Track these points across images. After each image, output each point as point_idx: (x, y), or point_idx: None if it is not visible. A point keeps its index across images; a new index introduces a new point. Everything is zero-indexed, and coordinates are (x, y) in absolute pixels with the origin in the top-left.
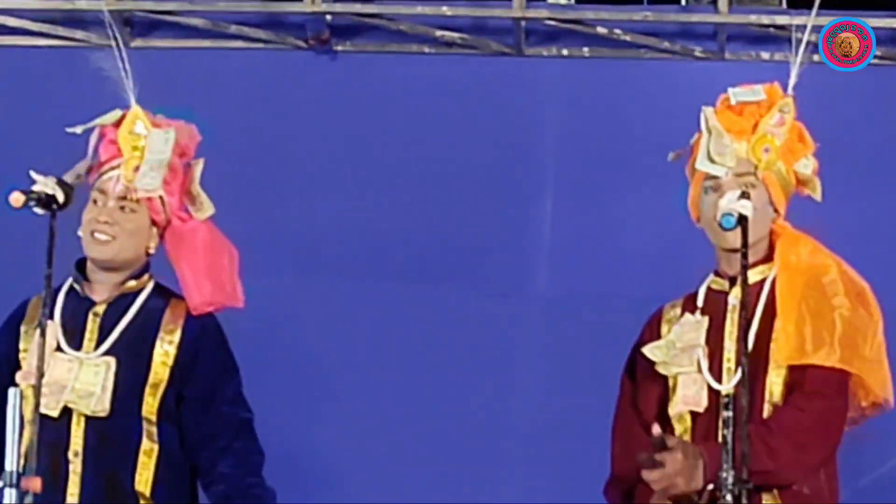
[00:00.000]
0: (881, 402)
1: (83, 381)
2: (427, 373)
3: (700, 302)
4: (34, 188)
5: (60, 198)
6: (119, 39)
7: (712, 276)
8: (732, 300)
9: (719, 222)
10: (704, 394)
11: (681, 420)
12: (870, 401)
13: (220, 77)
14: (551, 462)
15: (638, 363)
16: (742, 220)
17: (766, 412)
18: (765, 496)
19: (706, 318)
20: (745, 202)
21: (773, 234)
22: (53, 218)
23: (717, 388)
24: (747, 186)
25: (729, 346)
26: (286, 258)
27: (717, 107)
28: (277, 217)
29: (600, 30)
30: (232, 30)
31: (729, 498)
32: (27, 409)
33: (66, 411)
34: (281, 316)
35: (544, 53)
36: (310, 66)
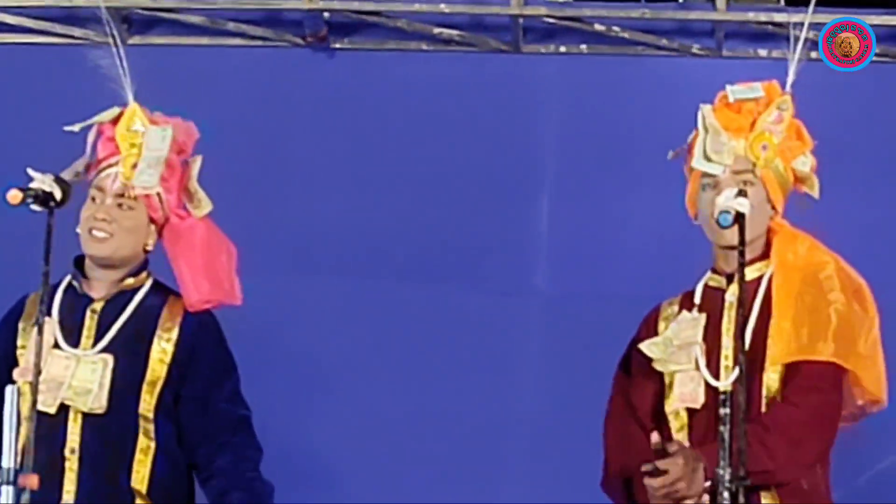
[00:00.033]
0: (875, 400)
1: (80, 378)
2: (426, 371)
3: (697, 299)
4: (31, 185)
5: (58, 195)
6: (117, 37)
7: (709, 273)
8: (730, 297)
9: (716, 220)
10: (701, 391)
11: (677, 417)
12: (865, 399)
13: (218, 74)
14: (551, 461)
15: (634, 359)
16: (739, 217)
17: (763, 408)
18: (763, 494)
19: (703, 316)
20: (742, 200)
21: (770, 231)
22: (51, 215)
23: (715, 385)
24: (745, 184)
25: (726, 344)
26: (284, 256)
27: (715, 104)
28: (275, 215)
29: (598, 27)
30: (230, 27)
31: (726, 495)
32: (24, 405)
33: (63, 408)
34: (280, 314)
35: (542, 51)
36: (308, 64)
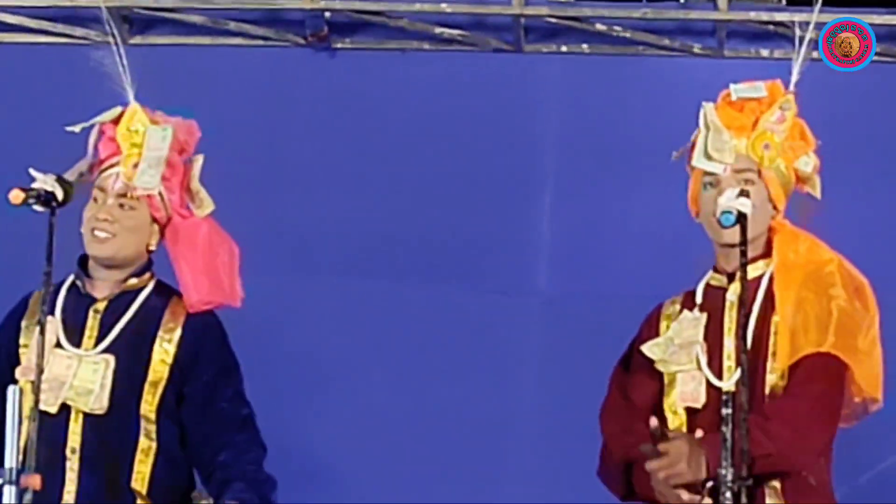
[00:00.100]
0: (871, 398)
1: (82, 378)
2: (426, 370)
3: (699, 298)
4: (34, 185)
5: (60, 195)
6: (118, 36)
7: (711, 272)
8: (731, 296)
9: (718, 220)
10: (703, 390)
11: (675, 415)
12: (860, 396)
13: (219, 74)
14: (551, 461)
15: (634, 358)
16: (741, 217)
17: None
18: (768, 493)
19: (705, 315)
20: (744, 200)
21: (771, 230)
22: (53, 215)
23: (718, 384)
24: (746, 183)
25: (728, 343)
26: (284, 256)
27: (717, 103)
28: (276, 214)
29: (599, 27)
30: (231, 27)
31: (728, 495)
32: (26, 405)
33: (65, 408)
34: (280, 314)
35: (543, 50)
36: (309, 63)
